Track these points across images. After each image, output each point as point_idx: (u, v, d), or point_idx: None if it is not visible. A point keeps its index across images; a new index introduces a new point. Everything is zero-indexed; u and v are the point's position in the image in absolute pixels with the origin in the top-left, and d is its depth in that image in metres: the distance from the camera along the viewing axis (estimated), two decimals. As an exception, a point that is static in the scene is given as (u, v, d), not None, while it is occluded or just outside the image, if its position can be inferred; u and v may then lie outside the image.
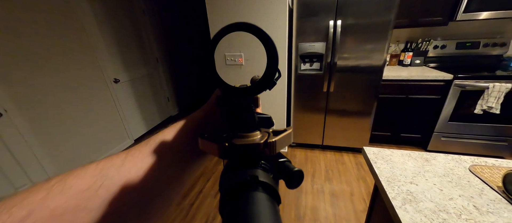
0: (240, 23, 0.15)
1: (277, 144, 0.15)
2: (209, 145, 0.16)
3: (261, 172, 0.14)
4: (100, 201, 0.16)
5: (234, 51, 1.84)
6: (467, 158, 0.68)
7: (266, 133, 0.16)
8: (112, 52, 2.25)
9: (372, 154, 0.74)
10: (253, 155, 0.15)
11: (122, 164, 0.18)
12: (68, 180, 0.16)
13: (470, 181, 0.58)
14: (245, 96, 0.17)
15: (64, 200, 0.14)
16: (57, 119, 1.74)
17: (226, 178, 0.15)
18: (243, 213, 0.11)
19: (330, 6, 1.61)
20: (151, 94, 2.90)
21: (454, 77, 1.69)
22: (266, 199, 0.12)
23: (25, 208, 0.13)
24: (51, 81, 1.69)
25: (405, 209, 0.51)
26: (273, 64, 0.15)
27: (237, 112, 0.17)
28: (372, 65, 1.72)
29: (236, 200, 0.12)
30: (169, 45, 3.21)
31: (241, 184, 0.13)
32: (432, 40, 2.05)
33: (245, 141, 0.15)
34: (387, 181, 0.61)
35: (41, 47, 1.62)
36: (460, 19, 1.72)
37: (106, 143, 2.21)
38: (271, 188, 0.13)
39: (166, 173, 0.20)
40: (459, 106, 1.76)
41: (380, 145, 2.15)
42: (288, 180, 0.16)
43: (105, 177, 0.17)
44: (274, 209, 0.12)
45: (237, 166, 0.15)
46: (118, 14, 2.30)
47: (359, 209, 1.46)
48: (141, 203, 0.18)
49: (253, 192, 0.13)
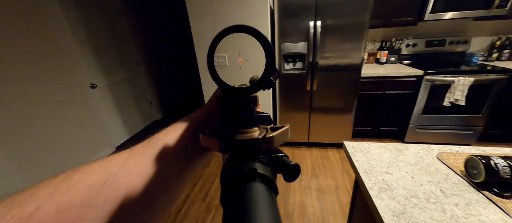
0: (239, 26, 0.15)
1: (274, 139, 0.16)
2: (211, 141, 0.17)
3: (259, 165, 0.15)
4: (105, 197, 0.16)
5: (218, 52, 1.83)
6: (435, 146, 0.74)
7: (265, 129, 0.17)
8: (88, 57, 2.13)
9: (352, 148, 0.78)
10: (252, 149, 0.16)
11: (125, 161, 0.19)
12: (74, 177, 0.16)
13: (437, 168, 0.64)
14: (244, 95, 0.18)
15: (70, 196, 0.15)
16: (27, 129, 1.61)
17: (226, 171, 0.15)
18: (242, 202, 0.12)
19: (310, 7, 1.66)
20: (133, 99, 2.79)
21: (425, 73, 1.82)
22: (264, 190, 0.13)
23: (34, 203, 0.14)
24: (20, 90, 1.56)
25: (381, 197, 0.54)
26: (271, 65, 0.16)
27: (237, 110, 0.18)
28: (351, 63, 1.80)
29: (236, 191, 0.13)
30: (150, 48, 3.10)
31: (241, 176, 0.14)
32: (404, 39, 2.19)
33: (245, 136, 0.16)
34: (365, 172, 0.64)
35: (10, 53, 1.49)
36: (428, 19, 1.86)
37: (85, 152, 2.08)
38: (269, 180, 0.14)
39: (168, 171, 0.21)
40: (430, 100, 1.90)
41: (362, 139, 2.25)
42: (286, 173, 0.17)
43: (109, 174, 0.17)
44: (272, 198, 0.13)
45: (237, 160, 0.15)
46: (93, 16, 2.18)
47: (344, 202, 1.52)
48: (144, 199, 0.19)
49: (252, 183, 0.13)
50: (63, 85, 1.88)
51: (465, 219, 0.47)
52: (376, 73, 1.93)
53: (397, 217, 0.48)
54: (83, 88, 2.06)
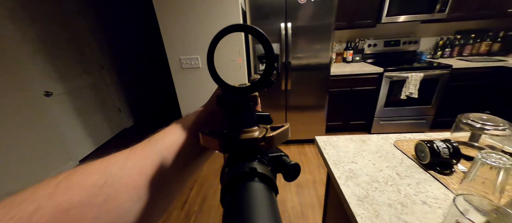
0: (240, 25, 0.15)
1: (274, 138, 0.16)
2: (210, 140, 0.17)
3: (259, 164, 0.15)
4: (104, 197, 0.16)
5: (190, 54, 1.78)
6: (393, 135, 0.83)
7: (264, 128, 0.17)
8: (40, 62, 1.90)
9: (322, 142, 0.83)
10: (252, 148, 0.16)
11: (125, 161, 0.19)
12: (74, 177, 0.16)
13: (394, 154, 0.72)
14: (244, 94, 0.18)
15: (70, 195, 0.15)
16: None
17: (226, 171, 0.15)
18: (242, 202, 0.12)
19: (280, 10, 1.72)
20: (97, 106, 2.55)
21: (384, 70, 2.02)
22: (264, 189, 0.13)
23: (34, 203, 0.14)
24: None
25: (347, 185, 0.59)
26: (271, 64, 0.16)
27: (237, 110, 0.18)
28: (321, 63, 1.92)
29: (236, 190, 0.13)
30: (116, 51, 2.88)
31: (240, 175, 0.14)
32: (366, 40, 2.40)
33: (245, 136, 0.16)
34: (334, 163, 0.69)
35: None
36: (384, 21, 2.07)
37: (42, 169, 1.84)
38: (268, 179, 0.14)
39: (168, 171, 0.21)
40: (390, 94, 2.11)
41: (334, 133, 2.40)
42: (285, 173, 0.17)
43: (108, 174, 0.17)
44: (271, 198, 0.13)
45: (237, 160, 0.15)
46: (44, 18, 1.94)
47: (321, 194, 1.61)
48: (143, 199, 0.19)
49: (251, 183, 0.13)
50: (9, 95, 1.64)
51: (416, 196, 0.54)
52: (344, 71, 2.08)
53: (361, 201, 0.53)
54: (35, 97, 1.83)
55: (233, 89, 0.18)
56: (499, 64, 1.97)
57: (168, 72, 1.90)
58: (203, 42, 1.74)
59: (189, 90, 1.94)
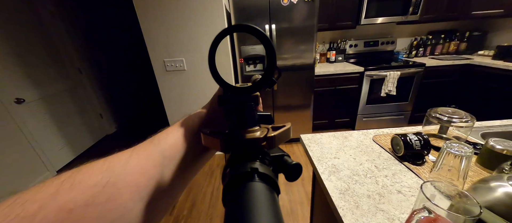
0: (241, 25, 0.15)
1: (276, 138, 0.16)
2: (212, 140, 0.17)
3: (261, 164, 0.15)
4: (107, 196, 0.16)
5: (175, 56, 1.75)
6: (372, 130, 0.88)
7: (266, 128, 0.17)
8: (10, 67, 1.76)
9: (307, 140, 0.86)
10: (254, 148, 0.16)
11: (127, 161, 0.19)
12: (77, 176, 0.16)
13: (373, 148, 0.76)
14: (246, 94, 0.18)
15: (73, 195, 0.15)
16: None
17: (228, 171, 0.15)
18: (243, 201, 0.12)
19: (264, 12, 1.75)
20: (76, 113, 2.42)
21: (365, 69, 2.12)
22: (265, 189, 0.13)
23: (37, 202, 0.14)
24: None
25: (330, 180, 0.62)
26: (272, 64, 0.16)
27: (238, 110, 0.18)
28: (306, 63, 1.97)
29: (238, 190, 0.13)
30: (94, 53, 2.75)
31: (242, 175, 0.14)
32: (347, 40, 2.51)
33: (246, 136, 0.16)
34: (318, 159, 0.72)
35: None
36: (363, 23, 2.18)
37: (16, 180, 1.71)
38: (270, 179, 0.14)
39: (170, 171, 0.21)
40: (371, 92, 2.22)
41: (320, 131, 2.45)
42: (287, 173, 0.17)
43: (111, 174, 0.17)
44: (273, 198, 0.13)
45: (238, 160, 0.15)
46: (15, 20, 1.81)
47: (309, 191, 1.65)
48: (146, 199, 0.19)
49: (253, 183, 0.13)
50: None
51: (392, 186, 0.58)
52: (328, 71, 2.15)
53: (342, 194, 0.56)
54: (5, 104, 1.69)
55: (235, 90, 0.18)
56: (465, 62, 2.14)
57: (152, 75, 1.85)
58: (188, 44, 1.72)
59: (175, 93, 1.90)
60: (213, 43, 0.17)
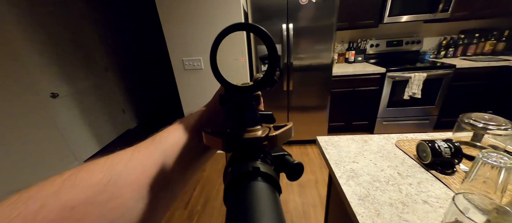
0: (243, 24, 0.15)
1: (278, 138, 0.16)
2: (213, 140, 0.17)
3: (262, 163, 0.15)
4: (108, 195, 0.16)
5: (193, 55, 1.80)
6: (394, 135, 0.83)
7: (268, 127, 0.17)
8: (47, 64, 1.93)
9: (324, 142, 0.83)
10: (255, 148, 0.16)
11: (129, 160, 0.19)
12: (79, 175, 0.16)
13: (395, 154, 0.72)
14: (247, 94, 0.18)
15: (75, 193, 0.15)
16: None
17: (229, 170, 0.15)
18: (245, 200, 0.12)
19: (282, 11, 1.73)
20: (102, 108, 2.59)
21: (387, 70, 2.01)
22: (267, 188, 0.13)
23: (39, 200, 0.14)
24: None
25: (349, 184, 0.60)
26: (274, 63, 0.16)
27: (239, 109, 0.18)
28: (323, 63, 1.92)
29: (239, 190, 0.13)
30: (119, 52, 2.92)
31: (244, 175, 0.14)
32: (368, 40, 2.40)
33: (248, 135, 0.16)
34: (335, 163, 0.70)
35: None
36: (387, 21, 2.07)
37: (47, 169, 1.87)
38: (272, 179, 0.14)
39: (171, 169, 0.21)
40: (393, 94, 2.10)
41: (336, 133, 2.38)
42: (288, 172, 0.17)
43: (113, 172, 0.17)
44: (274, 197, 0.13)
45: (240, 159, 0.15)
46: (51, 21, 1.99)
47: (323, 194, 1.61)
48: (147, 197, 0.19)
49: (255, 182, 0.13)
50: (17, 96, 1.68)
51: (417, 195, 0.54)
52: (346, 72, 2.07)
53: (362, 200, 0.54)
54: (42, 98, 1.86)
55: (236, 89, 0.18)
56: (503, 63, 1.94)
57: (171, 73, 1.92)
58: (206, 43, 1.76)
59: (192, 91, 1.96)
60: (214, 43, 0.17)
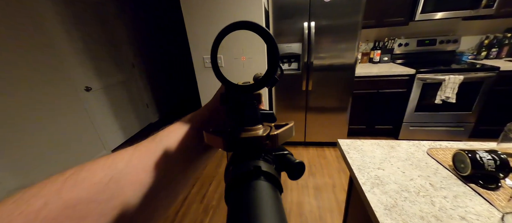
0: (242, 22, 0.15)
1: (279, 137, 0.16)
2: (214, 139, 0.17)
3: (263, 163, 0.15)
4: (110, 193, 0.17)
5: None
6: (426, 142, 0.77)
7: (269, 126, 0.17)
8: (83, 59, 2.11)
9: (346, 146, 0.79)
10: (256, 147, 0.16)
11: (130, 158, 0.19)
12: (81, 173, 0.16)
13: (427, 163, 0.66)
14: (248, 93, 0.18)
15: (77, 192, 0.15)
16: (21, 133, 1.59)
17: (230, 170, 0.15)
18: (247, 200, 0.12)
19: (304, 9, 1.68)
20: (128, 102, 2.77)
21: (417, 71, 1.87)
22: (268, 187, 0.13)
23: (42, 198, 0.14)
24: (15, 94, 1.54)
25: (373, 192, 0.56)
26: (274, 62, 0.16)
27: (240, 108, 0.18)
28: (345, 63, 1.83)
29: (240, 189, 0.13)
30: (145, 50, 3.09)
31: (245, 174, 0.14)
32: (396, 39, 2.24)
33: (249, 134, 0.16)
34: (358, 168, 0.66)
35: (4, 61, 1.47)
36: (418, 19, 1.91)
37: (79, 156, 2.06)
38: (273, 178, 0.14)
39: (172, 168, 0.21)
40: (423, 98, 1.94)
41: (357, 137, 2.27)
42: (290, 171, 0.17)
43: (114, 171, 0.17)
44: (276, 196, 0.13)
45: (241, 158, 0.15)
46: (88, 20, 2.16)
47: (341, 199, 1.55)
48: (148, 196, 0.19)
49: (256, 181, 0.13)
50: (57, 89, 1.86)
51: (453, 210, 0.49)
52: (370, 72, 1.96)
53: (388, 210, 0.50)
54: (78, 91, 2.04)
55: (236, 88, 0.18)
56: (561, 66, 1.69)
57: (192, 71, 1.98)
58: (226, 42, 1.77)
59: (211, 88, 2.00)
60: (215, 42, 0.16)
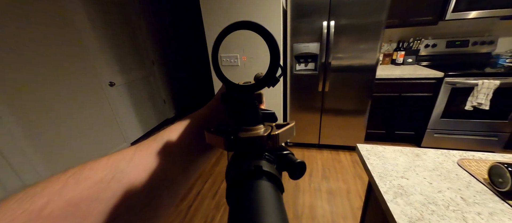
0: (242, 22, 0.15)
1: (280, 136, 0.16)
2: (215, 138, 0.17)
3: (265, 162, 0.15)
4: (112, 192, 0.17)
5: (230, 52, 1.85)
6: (456, 152, 0.71)
7: (270, 126, 0.17)
8: (107, 56, 2.24)
9: (365, 151, 0.76)
10: (257, 147, 0.16)
11: (131, 158, 0.19)
12: (83, 172, 0.17)
13: (458, 174, 0.61)
14: (249, 92, 0.18)
15: (79, 191, 0.16)
16: (51, 123, 1.73)
17: (231, 169, 0.15)
18: (248, 199, 0.12)
19: (323, 7, 1.63)
20: (147, 97, 2.89)
21: (445, 75, 1.73)
22: (270, 187, 0.13)
23: (44, 197, 0.14)
24: (46, 86, 1.67)
25: (396, 202, 0.53)
26: (275, 62, 0.16)
27: (241, 108, 0.18)
28: (366, 64, 1.76)
29: (242, 189, 0.13)
30: (165, 48, 3.20)
31: (246, 173, 0.14)
32: (423, 39, 2.10)
33: (250, 134, 0.16)
34: (379, 176, 0.63)
35: (37, 52, 1.60)
36: (449, 18, 1.77)
37: (101, 146, 2.19)
38: (274, 177, 0.14)
39: (173, 168, 0.21)
40: (451, 103, 1.80)
41: (375, 142, 2.18)
42: (291, 171, 0.17)
43: (116, 170, 0.18)
44: (277, 196, 0.13)
45: (242, 158, 0.15)
46: (113, 18, 2.29)
47: (356, 206, 1.49)
48: (149, 195, 0.19)
49: (257, 181, 0.13)
50: (86, 82, 2.00)
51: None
52: (392, 74, 1.86)
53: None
54: (103, 86, 2.17)
55: (237, 87, 0.18)
56: None
57: (208, 69, 2.01)
58: (243, 41, 1.79)
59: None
60: (215, 42, 0.16)
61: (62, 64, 1.79)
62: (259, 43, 1.78)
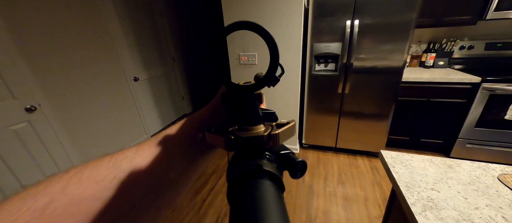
0: (241, 22, 0.15)
1: (280, 136, 0.16)
2: (216, 138, 0.17)
3: (265, 162, 0.15)
4: (114, 191, 0.17)
5: (249, 51, 1.86)
6: (496, 166, 0.64)
7: (270, 126, 0.17)
8: (133, 52, 2.37)
9: (390, 158, 0.71)
10: (258, 146, 0.16)
11: (133, 157, 0.19)
12: (85, 172, 0.17)
13: (498, 191, 0.55)
14: (249, 92, 0.18)
15: (82, 190, 0.16)
16: (82, 113, 1.86)
17: (232, 168, 0.16)
18: (249, 198, 0.12)
19: (348, 6, 1.57)
20: (167, 93, 3.01)
21: (483, 80, 1.58)
22: (270, 186, 0.13)
23: (47, 196, 0.15)
24: (78, 76, 1.81)
25: (426, 216, 0.49)
26: (275, 61, 0.16)
27: (241, 107, 0.18)
28: (391, 66, 1.66)
29: (243, 187, 0.13)
30: (185, 45, 3.30)
31: (247, 173, 0.14)
32: (458, 41, 1.93)
33: (250, 134, 0.16)
34: (406, 186, 0.59)
35: (71, 44, 1.73)
36: (491, 18, 1.60)
37: (125, 137, 2.33)
38: (275, 177, 0.14)
39: (174, 167, 0.21)
40: (488, 112, 1.64)
41: (397, 149, 2.06)
42: (292, 170, 0.17)
43: (118, 169, 0.18)
44: (278, 195, 0.13)
45: (243, 157, 0.16)
46: (139, 16, 2.41)
47: (374, 215, 1.42)
48: (151, 194, 0.19)
49: (258, 180, 0.13)
50: (114, 76, 2.13)
51: (537, 255, 0.39)
52: (421, 78, 1.74)
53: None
54: (128, 81, 2.30)
55: (237, 87, 0.18)
56: None
57: (227, 67, 2.04)
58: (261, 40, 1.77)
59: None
60: (216, 42, 0.16)
61: (93, 57, 1.90)
62: (277, 42, 1.76)
